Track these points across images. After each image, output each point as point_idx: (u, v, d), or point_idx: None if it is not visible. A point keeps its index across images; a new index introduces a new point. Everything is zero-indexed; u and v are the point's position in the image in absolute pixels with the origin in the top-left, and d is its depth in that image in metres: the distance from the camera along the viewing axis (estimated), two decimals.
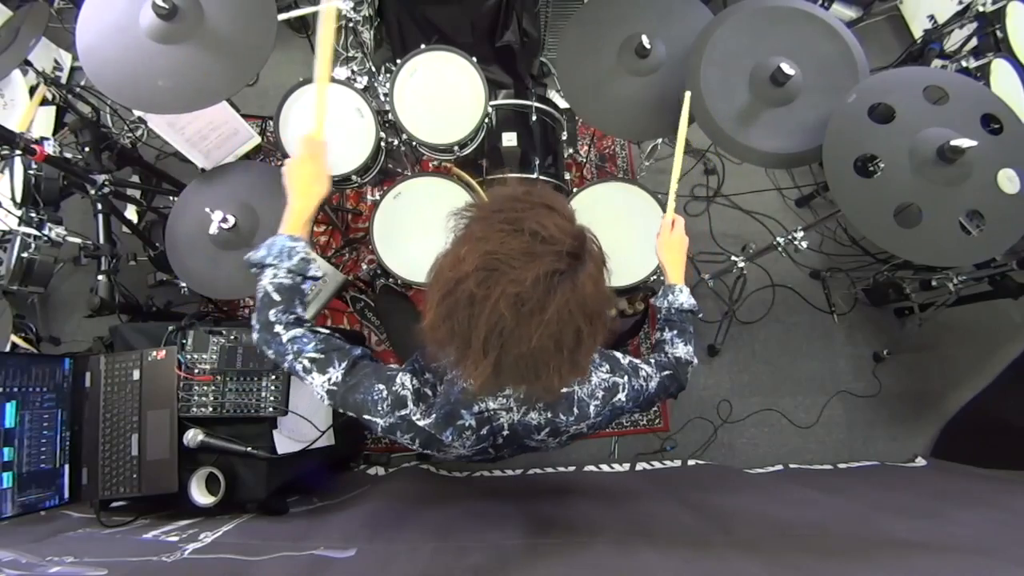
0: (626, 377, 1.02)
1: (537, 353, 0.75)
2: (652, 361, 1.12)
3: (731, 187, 2.58)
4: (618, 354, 1.06)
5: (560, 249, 0.74)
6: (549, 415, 0.96)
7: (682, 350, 1.17)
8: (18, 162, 1.78)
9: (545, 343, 0.74)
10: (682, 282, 1.27)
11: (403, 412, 0.93)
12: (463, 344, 0.77)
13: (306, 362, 0.96)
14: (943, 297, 2.05)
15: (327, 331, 1.01)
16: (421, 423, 0.93)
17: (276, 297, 0.99)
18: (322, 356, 0.96)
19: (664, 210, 1.69)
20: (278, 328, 0.98)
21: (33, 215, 1.69)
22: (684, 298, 1.23)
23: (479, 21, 2.29)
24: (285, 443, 1.49)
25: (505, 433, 0.98)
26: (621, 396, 1.00)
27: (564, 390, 0.94)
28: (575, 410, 0.97)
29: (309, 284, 1.06)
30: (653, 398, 1.08)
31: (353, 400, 0.94)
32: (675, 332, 1.20)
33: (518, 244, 0.73)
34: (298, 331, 0.98)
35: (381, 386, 0.93)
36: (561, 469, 2.12)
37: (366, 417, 0.94)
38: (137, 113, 2.17)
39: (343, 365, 0.95)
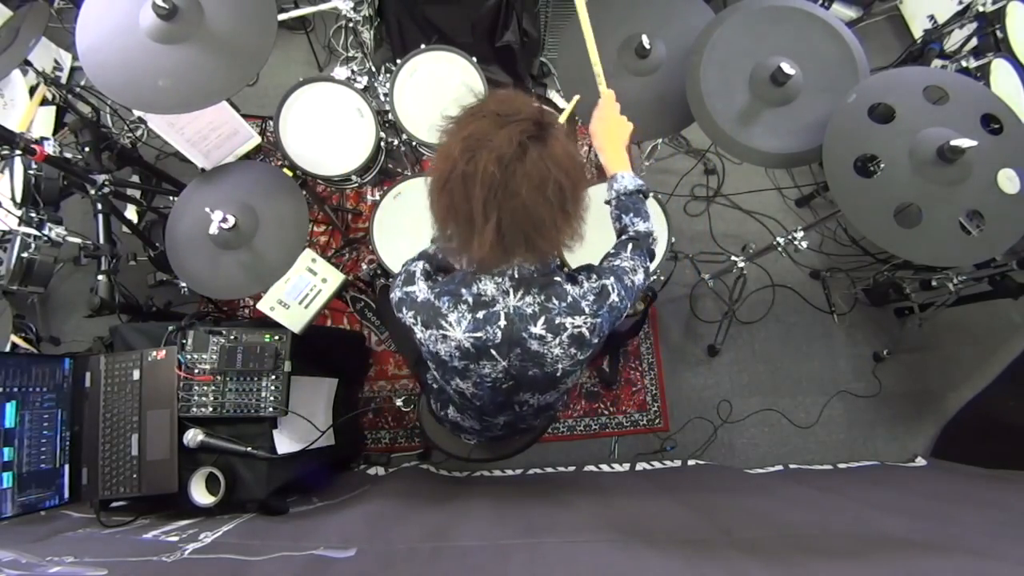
0: (612, 278, 1.06)
1: (530, 206, 0.86)
2: (621, 253, 1.14)
3: (731, 187, 2.58)
4: (602, 266, 1.13)
5: (525, 118, 0.87)
6: (542, 299, 0.99)
7: (642, 226, 1.21)
8: (18, 162, 1.78)
9: (534, 195, 0.86)
10: (625, 167, 1.27)
11: (410, 288, 1.05)
12: (466, 218, 0.88)
13: None
14: (943, 297, 2.05)
15: None
16: (423, 293, 1.04)
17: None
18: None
19: (662, 210, 1.69)
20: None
21: (33, 215, 1.69)
22: (629, 181, 1.25)
23: (479, 21, 2.29)
24: (285, 443, 1.49)
25: (502, 324, 1.00)
26: (614, 297, 1.04)
27: (556, 279, 1.01)
28: (569, 297, 1.00)
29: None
30: (640, 287, 1.12)
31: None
32: (631, 214, 1.23)
33: (489, 123, 0.87)
34: None
35: (401, 267, 1.11)
36: (561, 469, 2.12)
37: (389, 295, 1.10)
38: (137, 113, 2.17)
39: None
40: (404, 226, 1.69)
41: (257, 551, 1.07)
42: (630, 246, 1.15)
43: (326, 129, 1.71)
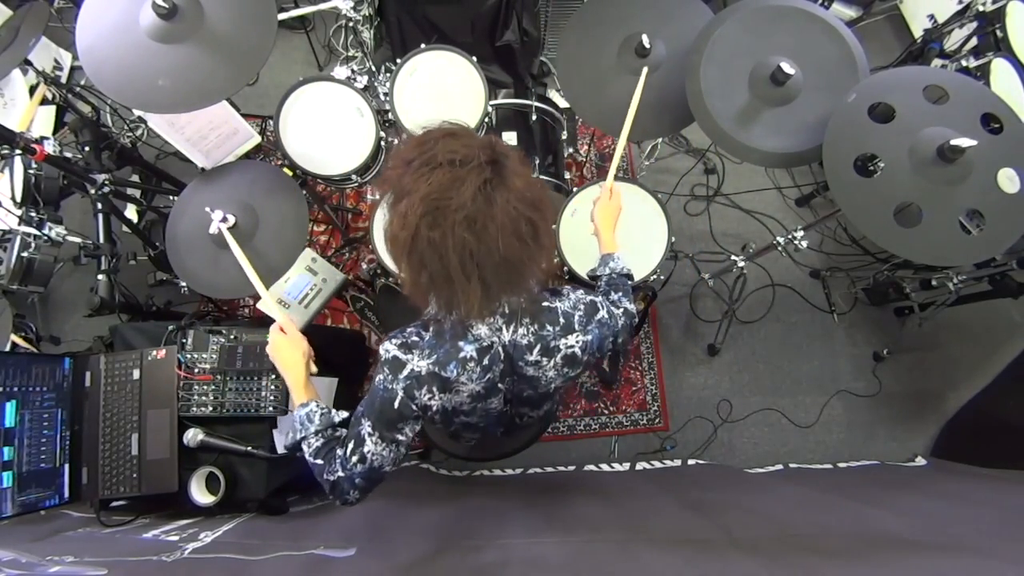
0: (601, 296, 1.09)
1: (509, 255, 0.82)
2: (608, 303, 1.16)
3: (731, 186, 2.58)
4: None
5: (478, 163, 0.80)
6: (535, 328, 0.99)
7: (629, 306, 1.24)
8: (18, 161, 1.78)
9: (510, 243, 0.82)
10: (616, 248, 1.36)
11: (404, 372, 0.95)
12: (446, 282, 0.84)
13: (357, 464, 1.00)
14: (943, 297, 2.05)
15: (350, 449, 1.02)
16: (423, 366, 0.94)
17: (320, 462, 1.03)
18: (357, 447, 0.99)
19: (662, 209, 1.70)
20: (338, 475, 1.01)
21: (33, 214, 1.69)
22: (621, 264, 1.32)
23: (479, 20, 2.29)
24: (285, 443, 1.49)
25: (502, 358, 0.99)
26: (602, 313, 1.05)
27: (544, 304, 1.00)
28: (561, 320, 1.00)
29: (341, 429, 1.09)
30: (619, 333, 1.13)
31: (385, 418, 0.98)
32: (620, 293, 1.26)
33: (443, 176, 0.79)
34: (340, 472, 1.01)
35: (376, 378, 0.97)
36: (561, 468, 2.12)
37: (397, 408, 0.96)
38: (137, 112, 2.17)
39: (360, 428, 0.99)
40: None
41: (257, 551, 1.07)
42: (620, 311, 1.17)
43: (326, 128, 1.71)
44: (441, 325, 0.95)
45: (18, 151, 1.50)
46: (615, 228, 1.41)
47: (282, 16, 1.52)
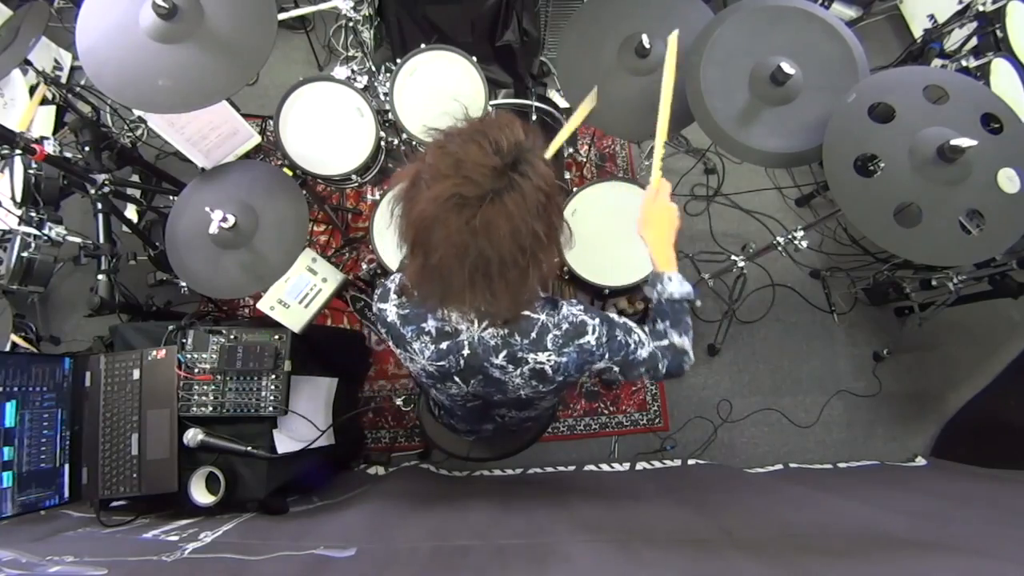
0: (602, 325, 0.97)
1: (444, 265, 0.81)
2: (648, 332, 1.05)
3: (731, 186, 2.58)
4: (612, 315, 1.02)
5: (471, 177, 0.76)
6: (505, 333, 0.94)
7: (677, 339, 1.07)
8: (18, 161, 1.79)
9: (448, 258, 0.80)
10: (671, 266, 1.12)
11: (383, 305, 1.02)
12: (446, 287, 0.84)
13: None
14: (943, 297, 2.05)
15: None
16: (393, 313, 1.01)
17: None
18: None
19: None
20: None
21: (33, 214, 1.69)
22: (675, 287, 1.09)
23: (479, 21, 2.29)
24: (285, 443, 1.49)
25: (465, 353, 0.97)
26: (589, 339, 0.95)
27: (525, 313, 0.94)
28: (532, 335, 0.94)
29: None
30: (639, 364, 1.02)
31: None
32: (668, 323, 1.08)
33: (436, 163, 0.79)
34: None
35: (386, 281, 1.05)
36: (561, 469, 2.12)
37: None
38: (137, 112, 2.17)
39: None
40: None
41: (257, 551, 1.07)
42: (660, 342, 1.06)
43: (326, 129, 1.71)
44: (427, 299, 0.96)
45: (18, 151, 1.50)
46: (670, 239, 1.14)
47: (282, 16, 1.53)
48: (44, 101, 2.15)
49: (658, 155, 1.27)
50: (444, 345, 0.98)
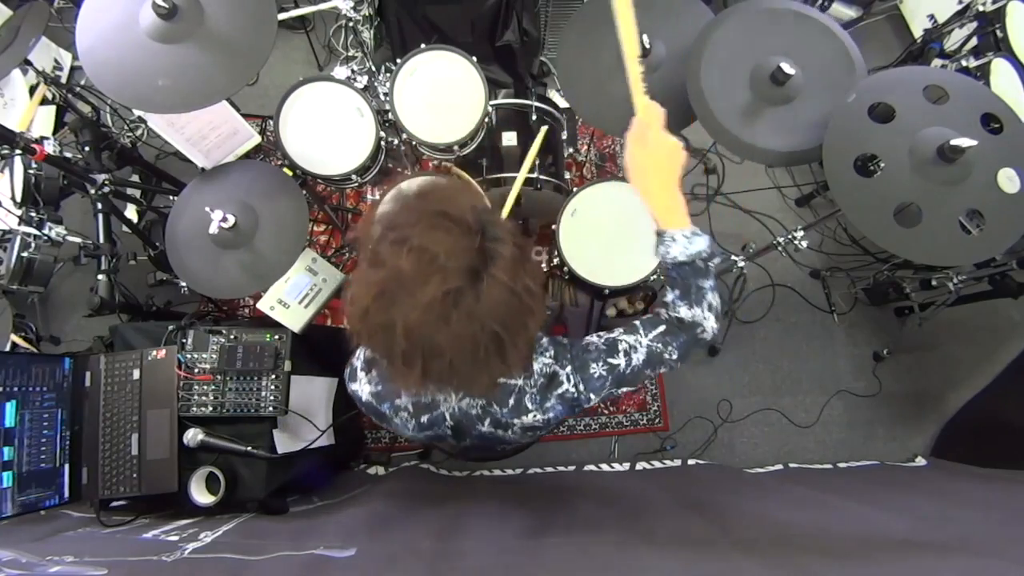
0: (574, 373, 0.91)
1: (458, 362, 0.72)
2: (639, 325, 0.95)
3: (731, 186, 2.58)
4: (589, 339, 0.95)
5: (453, 267, 0.68)
6: (483, 403, 0.92)
7: (687, 313, 0.92)
8: (18, 161, 1.78)
9: (462, 353, 0.72)
10: (677, 220, 0.92)
11: (354, 386, 0.97)
12: (389, 360, 0.76)
13: None
14: (943, 297, 2.05)
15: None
16: (366, 392, 0.96)
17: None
18: None
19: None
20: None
21: (33, 214, 1.69)
22: (680, 248, 0.91)
23: (479, 21, 2.29)
24: (285, 443, 1.49)
25: (449, 424, 0.95)
26: (567, 387, 0.90)
27: (501, 380, 0.88)
28: (510, 401, 0.90)
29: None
30: (640, 373, 0.92)
31: None
32: (677, 292, 0.93)
33: (408, 266, 0.68)
34: None
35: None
36: (561, 469, 2.12)
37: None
38: (137, 112, 2.17)
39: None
40: None
41: (257, 551, 1.07)
42: (655, 330, 0.93)
43: (326, 128, 1.71)
44: None
45: (18, 151, 1.50)
46: (671, 182, 0.92)
47: (282, 16, 1.53)
48: (44, 101, 2.15)
49: (634, 74, 0.98)
50: (425, 419, 0.94)
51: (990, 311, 2.21)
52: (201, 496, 1.41)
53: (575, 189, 1.74)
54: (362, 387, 0.96)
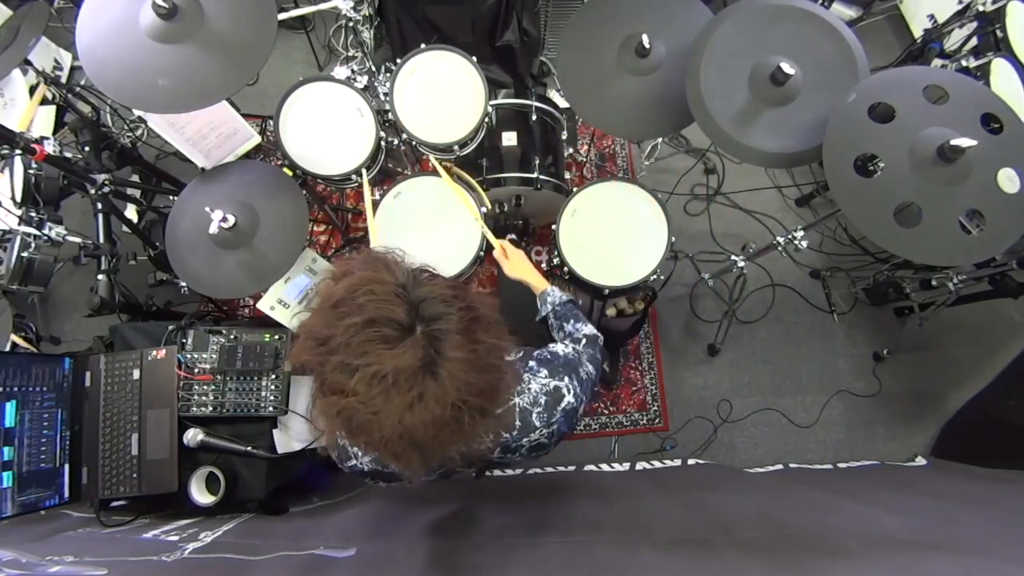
0: (567, 378, 0.98)
1: (450, 438, 0.72)
2: (572, 346, 1.12)
3: (731, 186, 2.58)
4: (557, 349, 1.06)
5: (406, 376, 0.66)
6: (492, 437, 0.91)
7: (588, 329, 1.21)
8: (18, 161, 1.78)
9: (449, 431, 0.70)
10: (546, 285, 1.32)
11: (351, 463, 0.95)
12: (385, 461, 0.77)
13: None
14: (943, 297, 2.05)
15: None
16: (367, 463, 0.93)
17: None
18: None
19: (662, 209, 1.69)
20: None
21: (33, 214, 1.69)
22: (558, 295, 1.29)
23: (479, 21, 2.29)
24: (285, 443, 1.49)
25: (460, 463, 0.91)
26: (570, 399, 0.96)
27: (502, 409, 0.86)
28: (517, 423, 0.93)
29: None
30: (592, 375, 1.07)
31: None
32: (572, 320, 1.24)
33: (363, 390, 0.67)
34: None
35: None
36: (561, 469, 2.12)
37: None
38: (137, 112, 2.17)
39: None
40: (404, 225, 1.69)
41: (257, 550, 1.07)
42: (583, 342, 1.15)
43: (326, 128, 1.71)
44: None
45: (18, 151, 1.50)
46: (533, 269, 1.38)
47: (282, 16, 1.52)
48: (44, 101, 2.15)
49: (482, 227, 1.57)
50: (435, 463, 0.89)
51: (990, 311, 2.21)
52: (201, 496, 1.41)
53: (575, 189, 1.74)
54: (361, 460, 0.94)
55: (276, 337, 1.52)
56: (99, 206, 1.76)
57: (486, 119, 1.70)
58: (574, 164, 2.54)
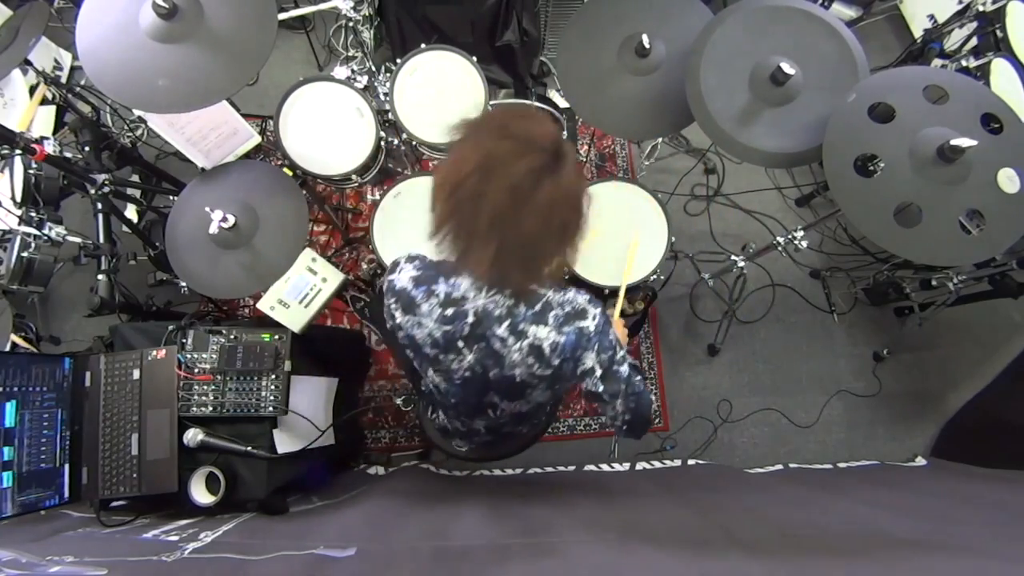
0: (601, 317, 1.03)
1: (533, 237, 0.88)
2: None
3: (731, 186, 2.58)
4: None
5: (543, 148, 0.86)
6: (511, 304, 0.99)
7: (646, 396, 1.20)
8: (18, 161, 1.78)
9: (539, 228, 0.87)
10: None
11: (393, 276, 1.07)
12: (468, 233, 0.90)
13: None
14: (943, 297, 2.05)
15: None
16: (406, 278, 1.05)
17: None
18: None
19: (662, 209, 1.68)
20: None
21: (33, 214, 1.69)
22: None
23: (479, 20, 2.29)
24: (285, 443, 1.49)
25: (470, 320, 1.00)
26: (588, 324, 1.00)
27: (533, 287, 1.00)
28: (536, 307, 0.99)
29: None
30: (620, 378, 1.06)
31: None
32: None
33: (509, 146, 0.86)
34: None
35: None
36: (561, 469, 2.12)
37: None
38: (137, 112, 2.17)
39: None
40: (404, 225, 1.69)
41: (257, 550, 1.07)
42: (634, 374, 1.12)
43: (326, 128, 1.71)
44: (442, 263, 1.02)
45: (18, 151, 1.50)
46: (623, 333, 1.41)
47: (282, 16, 1.53)
48: (44, 101, 2.15)
49: (620, 304, 1.57)
50: (450, 312, 1.01)
51: (990, 311, 2.21)
52: (201, 496, 1.41)
53: None
54: (401, 275, 1.05)
55: (276, 337, 1.51)
56: (99, 206, 1.76)
57: None
58: None
